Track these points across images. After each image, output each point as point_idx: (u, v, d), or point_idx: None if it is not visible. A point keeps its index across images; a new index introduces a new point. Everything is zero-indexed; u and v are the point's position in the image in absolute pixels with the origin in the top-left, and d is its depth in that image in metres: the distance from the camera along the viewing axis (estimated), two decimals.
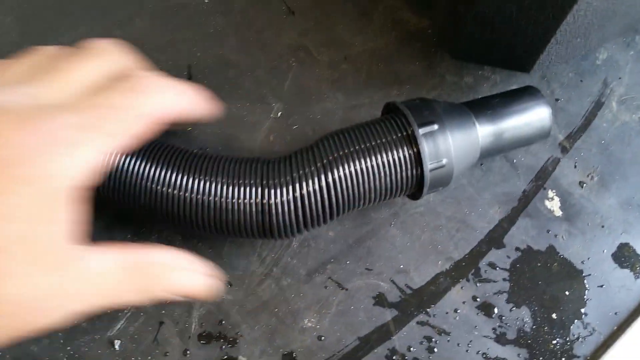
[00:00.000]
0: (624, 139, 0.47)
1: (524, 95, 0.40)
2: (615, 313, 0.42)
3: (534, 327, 0.41)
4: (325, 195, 0.34)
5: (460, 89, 0.48)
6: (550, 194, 0.45)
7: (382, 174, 0.35)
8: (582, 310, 0.42)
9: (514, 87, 0.46)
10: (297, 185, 0.34)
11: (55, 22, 0.49)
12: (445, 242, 0.43)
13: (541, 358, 0.40)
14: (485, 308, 0.41)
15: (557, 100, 0.48)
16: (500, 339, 0.41)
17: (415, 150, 0.35)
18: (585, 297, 0.42)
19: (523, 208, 0.44)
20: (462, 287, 0.42)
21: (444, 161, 0.35)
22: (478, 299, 0.42)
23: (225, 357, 0.39)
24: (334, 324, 0.40)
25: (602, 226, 0.44)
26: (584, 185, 0.45)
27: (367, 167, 0.34)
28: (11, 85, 0.28)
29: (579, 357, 0.41)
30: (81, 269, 0.27)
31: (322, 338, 0.40)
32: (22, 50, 0.31)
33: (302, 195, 0.34)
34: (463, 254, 0.43)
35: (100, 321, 0.39)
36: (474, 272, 0.42)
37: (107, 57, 0.32)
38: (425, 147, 0.34)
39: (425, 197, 0.42)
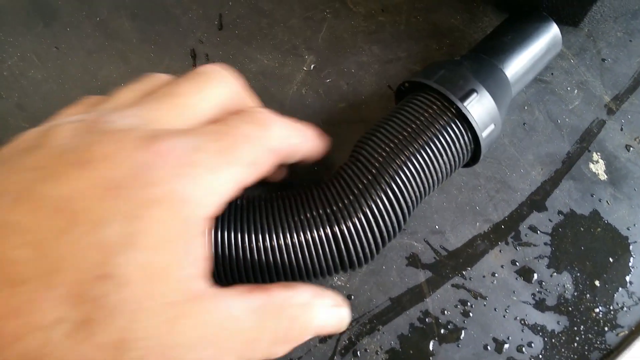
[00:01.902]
0: None
1: (530, 20, 0.40)
2: None
3: (576, 294, 0.39)
4: (395, 203, 0.31)
5: None
6: (595, 156, 0.43)
7: (440, 160, 0.32)
8: (627, 279, 0.40)
9: (563, 47, 0.44)
10: (364, 201, 0.30)
11: None
12: (483, 203, 0.41)
13: (582, 326, 0.38)
14: (525, 273, 0.39)
15: (603, 60, 0.46)
16: (540, 305, 0.39)
17: (466, 125, 0.33)
18: (630, 264, 0.40)
19: (567, 170, 0.42)
20: (500, 251, 0.40)
21: (493, 125, 0.34)
22: (517, 263, 0.40)
23: None
24: (364, 284, 0.39)
25: None
26: (631, 148, 0.43)
27: (429, 160, 0.32)
28: (124, 109, 0.26)
29: (622, 327, 0.39)
30: (224, 314, 0.23)
31: (352, 297, 0.38)
32: (134, 78, 0.30)
33: (371, 210, 0.30)
34: (502, 216, 0.41)
35: None
36: (513, 235, 0.40)
37: (221, 84, 0.29)
38: (477, 119, 0.32)
39: None
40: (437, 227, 0.40)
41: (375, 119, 0.40)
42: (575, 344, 0.38)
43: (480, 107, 0.33)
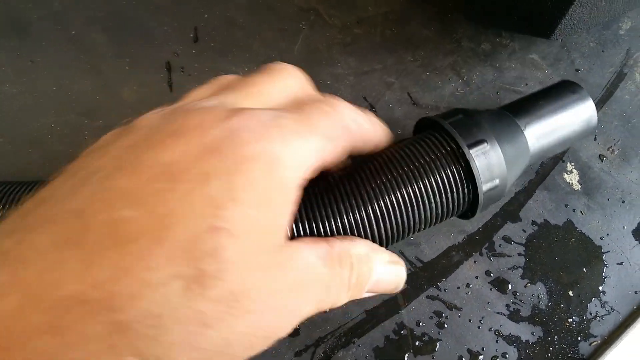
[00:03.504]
0: None
1: (567, 92, 0.37)
2: (635, 292, 0.40)
3: (550, 304, 0.39)
4: (374, 225, 0.30)
5: (477, 56, 0.46)
6: (569, 167, 0.43)
7: (433, 199, 0.32)
8: (600, 288, 0.40)
9: (533, 55, 0.45)
10: (344, 215, 0.30)
11: None
12: None
13: (556, 337, 0.38)
14: (499, 283, 0.40)
15: (577, 70, 0.46)
16: (514, 316, 0.39)
17: (467, 172, 0.32)
18: (603, 274, 0.40)
19: (541, 181, 0.42)
20: (475, 262, 0.40)
21: (498, 181, 0.33)
22: (491, 274, 0.40)
23: None
24: None
25: (623, 201, 0.42)
26: (604, 158, 0.43)
27: (414, 192, 0.31)
28: (202, 100, 0.26)
29: (595, 336, 0.39)
30: (302, 263, 0.24)
31: (327, 310, 0.38)
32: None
33: (349, 225, 0.30)
34: (477, 227, 0.41)
35: None
36: (487, 246, 0.40)
37: (291, 77, 0.30)
38: (479, 169, 0.32)
39: None
40: (412, 238, 0.40)
41: None
42: (549, 354, 0.38)
43: (487, 159, 0.32)
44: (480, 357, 0.38)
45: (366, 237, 0.31)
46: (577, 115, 0.37)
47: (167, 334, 0.19)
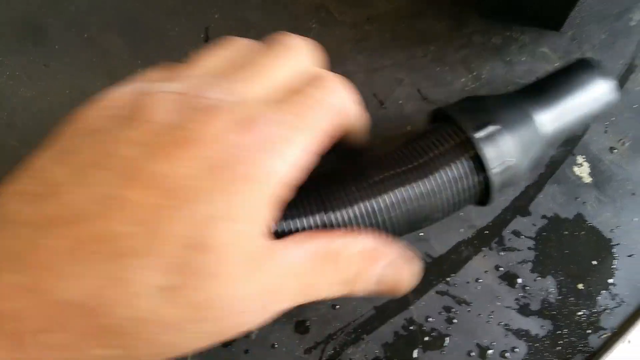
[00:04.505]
0: None
1: (578, 70, 0.37)
2: None
3: (559, 297, 0.40)
4: (385, 215, 0.31)
5: (488, 50, 0.46)
6: (580, 159, 0.43)
7: (444, 187, 0.32)
8: (610, 281, 0.40)
9: (544, 48, 0.45)
10: (352, 205, 0.31)
11: None
12: (467, 208, 0.41)
13: (566, 330, 0.39)
14: (509, 278, 0.40)
15: None
16: (524, 310, 0.39)
17: (476, 157, 0.32)
18: (613, 267, 0.40)
19: (551, 174, 0.42)
20: (484, 256, 0.40)
21: (509, 162, 0.32)
22: (501, 269, 0.40)
23: None
24: None
25: (633, 194, 0.42)
26: (615, 151, 0.43)
27: (426, 182, 0.32)
28: (212, 80, 0.27)
29: (605, 329, 0.39)
30: (282, 263, 0.26)
31: (337, 307, 0.39)
32: (214, 42, 0.31)
33: (359, 214, 0.31)
34: (486, 222, 0.41)
35: None
36: (497, 240, 0.41)
37: (301, 54, 0.31)
38: (486, 152, 0.32)
39: None
40: (421, 234, 0.41)
41: None
42: (559, 348, 0.38)
43: (495, 141, 0.32)
44: (490, 351, 0.38)
45: (376, 228, 0.31)
46: (590, 94, 0.36)
47: (148, 335, 0.22)
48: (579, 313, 0.39)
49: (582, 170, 0.43)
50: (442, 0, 0.47)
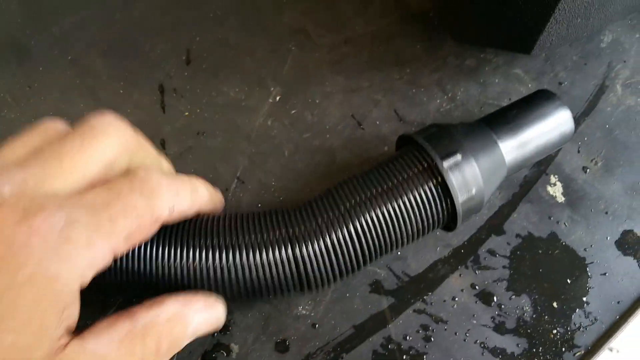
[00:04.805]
0: (628, 123, 0.46)
1: (541, 100, 0.39)
2: (618, 302, 0.41)
3: (534, 316, 0.40)
4: (356, 243, 0.32)
5: (462, 72, 0.47)
6: (553, 179, 0.44)
7: (411, 213, 0.33)
8: (584, 299, 0.41)
9: (517, 70, 0.46)
10: (326, 234, 0.32)
11: (58, 7, 0.49)
12: None
13: (541, 348, 0.39)
14: (484, 296, 0.41)
15: (560, 83, 0.47)
16: (499, 328, 0.40)
17: (442, 185, 0.33)
18: (587, 285, 0.41)
19: (524, 194, 0.43)
20: (460, 275, 0.41)
21: (474, 191, 0.34)
22: (477, 287, 0.41)
23: (217, 343, 0.39)
24: (328, 312, 0.40)
25: (606, 212, 0.43)
26: (588, 170, 0.44)
27: (393, 209, 0.33)
28: (9, 170, 0.25)
29: (579, 346, 0.40)
30: (84, 357, 0.24)
31: (317, 326, 0.39)
32: (24, 128, 0.29)
33: (332, 244, 0.32)
34: (462, 241, 0.42)
35: None
36: (473, 259, 0.41)
37: (110, 138, 0.28)
38: (453, 181, 0.33)
39: None
40: (399, 253, 0.41)
41: (339, 148, 0.42)
42: None
43: (461, 170, 0.33)
44: None
45: (346, 255, 0.32)
46: (552, 124, 0.38)
47: None
48: (554, 331, 0.40)
49: (556, 189, 0.44)
50: (417, 23, 0.48)
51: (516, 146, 0.37)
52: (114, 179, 0.28)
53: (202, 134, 0.45)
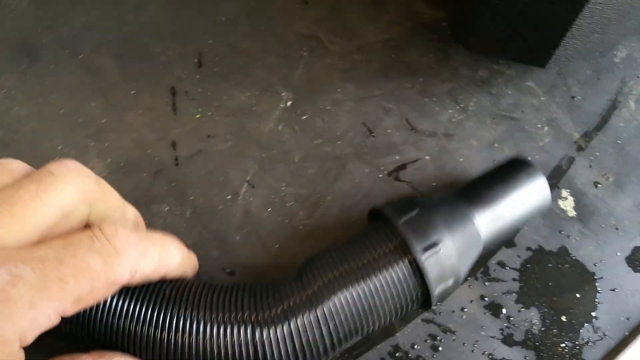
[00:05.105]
0: None
1: (518, 172, 0.38)
2: (628, 318, 0.41)
3: (543, 329, 0.40)
4: (322, 327, 0.31)
5: (474, 83, 0.47)
6: (564, 193, 0.44)
7: (383, 299, 0.32)
8: (593, 314, 0.40)
9: (530, 83, 0.46)
10: (290, 318, 0.30)
11: (69, 7, 0.49)
12: None
13: None
14: (493, 308, 0.40)
15: (573, 97, 0.47)
16: (508, 340, 0.39)
17: (420, 277, 0.32)
18: (596, 300, 0.41)
19: None
20: (470, 286, 0.41)
21: (451, 281, 0.33)
22: (486, 299, 0.40)
23: None
24: None
25: (616, 228, 0.43)
26: (599, 185, 0.44)
27: (364, 293, 0.32)
28: None
29: None
30: None
31: None
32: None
33: (294, 329, 0.30)
34: None
35: None
36: (482, 270, 0.41)
37: (68, 187, 0.26)
38: (432, 275, 0.32)
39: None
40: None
41: (350, 155, 0.41)
42: None
43: (440, 260, 0.33)
44: None
45: (319, 337, 0.31)
46: (529, 197, 0.38)
47: None
48: (562, 345, 0.40)
49: (567, 203, 0.44)
50: (429, 33, 0.49)
51: (492, 218, 0.36)
52: (73, 234, 0.26)
53: (212, 137, 0.45)
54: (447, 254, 0.33)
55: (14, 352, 0.22)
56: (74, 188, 0.27)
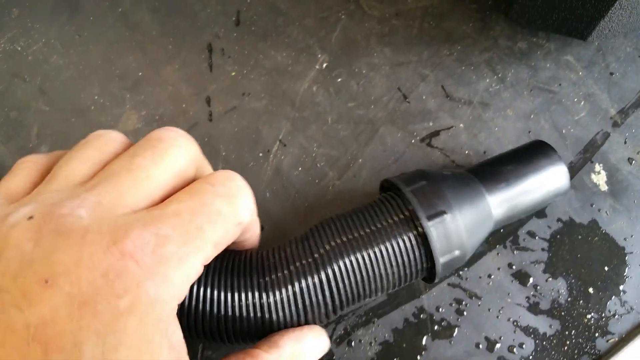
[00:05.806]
0: None
1: (538, 155, 0.37)
2: None
3: (569, 299, 0.40)
4: (327, 290, 0.31)
5: (513, 54, 0.46)
6: (598, 167, 0.43)
7: (387, 264, 0.32)
8: (621, 288, 0.40)
9: (568, 57, 0.46)
10: (295, 281, 0.30)
11: None
12: None
13: (574, 331, 0.39)
14: (521, 276, 0.40)
15: (611, 74, 0.46)
16: (533, 309, 0.39)
17: (425, 246, 0.32)
18: (625, 274, 0.41)
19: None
20: (498, 254, 0.41)
21: (457, 253, 0.33)
22: (514, 267, 0.40)
23: None
24: None
25: None
26: (633, 162, 0.44)
27: (369, 256, 0.32)
28: (78, 193, 0.24)
29: (613, 334, 0.39)
30: None
31: None
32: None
33: (300, 291, 0.30)
34: None
35: None
36: (512, 239, 0.41)
37: (180, 151, 0.27)
38: (437, 244, 0.32)
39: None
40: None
41: (383, 119, 0.41)
42: (566, 348, 0.39)
43: (446, 230, 0.32)
44: (497, 345, 0.39)
45: (321, 300, 0.31)
46: (546, 180, 0.37)
47: None
48: (588, 316, 0.39)
49: (600, 178, 0.43)
50: (470, 2, 0.48)
51: (505, 201, 0.36)
52: (191, 185, 0.27)
53: (247, 94, 0.45)
54: (455, 225, 0.33)
55: (174, 310, 0.23)
56: (184, 150, 0.27)
